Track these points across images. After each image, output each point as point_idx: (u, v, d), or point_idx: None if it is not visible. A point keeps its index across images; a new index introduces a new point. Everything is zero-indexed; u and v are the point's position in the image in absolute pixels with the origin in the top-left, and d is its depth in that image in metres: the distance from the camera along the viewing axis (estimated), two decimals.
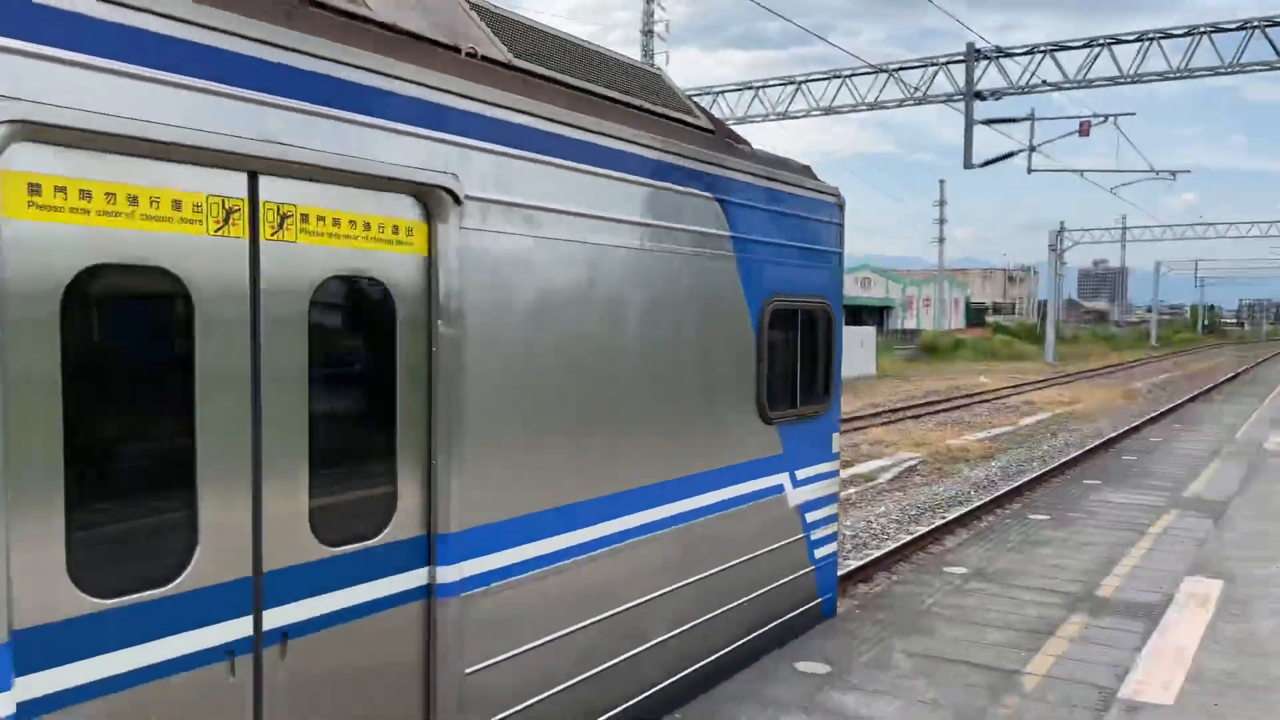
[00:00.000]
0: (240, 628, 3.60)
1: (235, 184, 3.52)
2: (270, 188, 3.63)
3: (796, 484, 7.18)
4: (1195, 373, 51.10)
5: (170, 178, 3.33)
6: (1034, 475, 16.77)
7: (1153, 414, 26.98)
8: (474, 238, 4.40)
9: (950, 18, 23.58)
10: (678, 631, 5.83)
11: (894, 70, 29.30)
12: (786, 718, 5.66)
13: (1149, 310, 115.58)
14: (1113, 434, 22.60)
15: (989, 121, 26.86)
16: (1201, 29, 26.26)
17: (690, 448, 5.99)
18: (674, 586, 5.80)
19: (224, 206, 3.49)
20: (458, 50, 4.66)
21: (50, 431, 3.04)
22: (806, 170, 7.53)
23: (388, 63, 4.01)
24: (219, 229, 3.48)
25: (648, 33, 35.76)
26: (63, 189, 3.06)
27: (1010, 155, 26.79)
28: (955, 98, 27.77)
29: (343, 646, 3.99)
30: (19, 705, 2.99)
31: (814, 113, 30.54)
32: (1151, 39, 26.80)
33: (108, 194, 3.17)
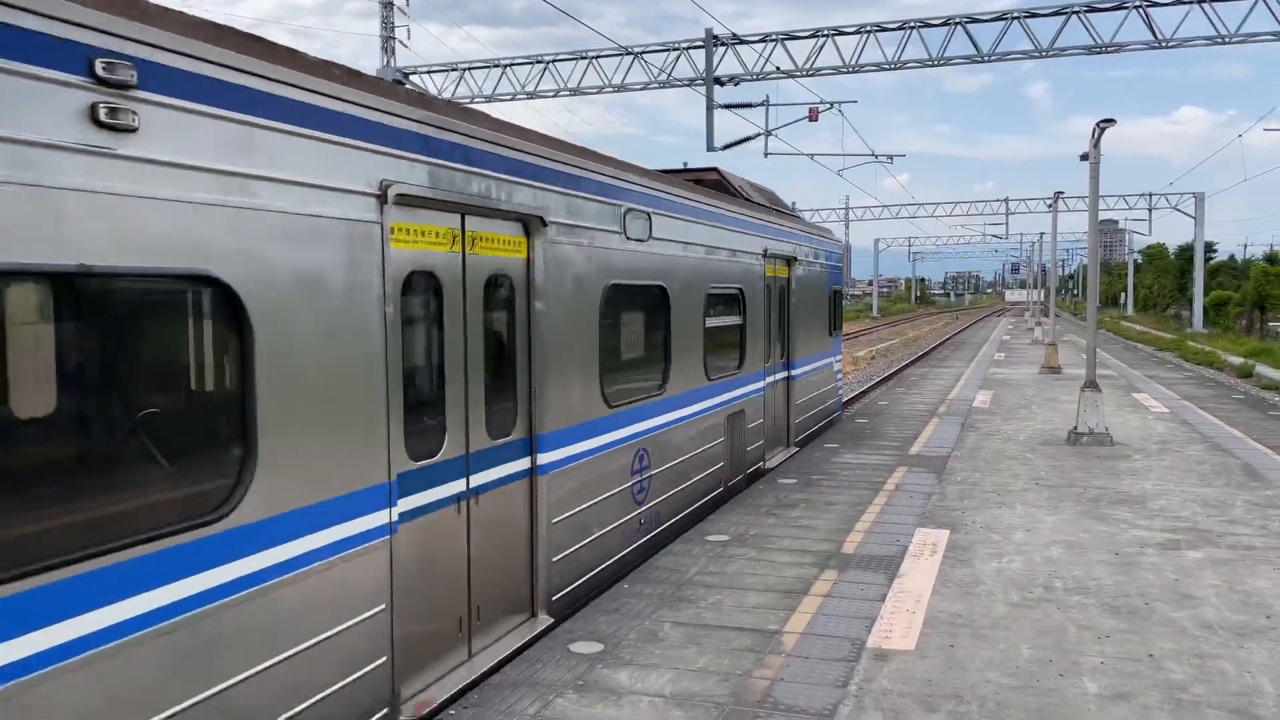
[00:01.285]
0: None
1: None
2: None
3: (835, 362, 17.47)
4: (911, 339, 56.06)
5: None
6: None
7: (878, 379, 29.35)
8: (792, 276, 13.96)
9: (690, 3, 24.32)
10: (817, 408, 15.76)
11: (639, 53, 29.87)
12: (560, 699, 5.63)
13: (870, 284, 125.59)
14: (845, 399, 24.37)
15: (728, 106, 28.01)
16: (911, 24, 28.59)
17: (818, 343, 15.63)
18: (817, 393, 15.68)
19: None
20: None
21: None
22: (829, 232, 18.22)
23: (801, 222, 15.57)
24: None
25: (387, 5, 34.41)
26: None
27: (748, 139, 28.06)
28: (697, 82, 28.72)
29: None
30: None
31: (562, 93, 30.64)
32: (869, 32, 28.90)
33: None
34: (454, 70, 32.25)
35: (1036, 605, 7.25)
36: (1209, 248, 72.19)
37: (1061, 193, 35.28)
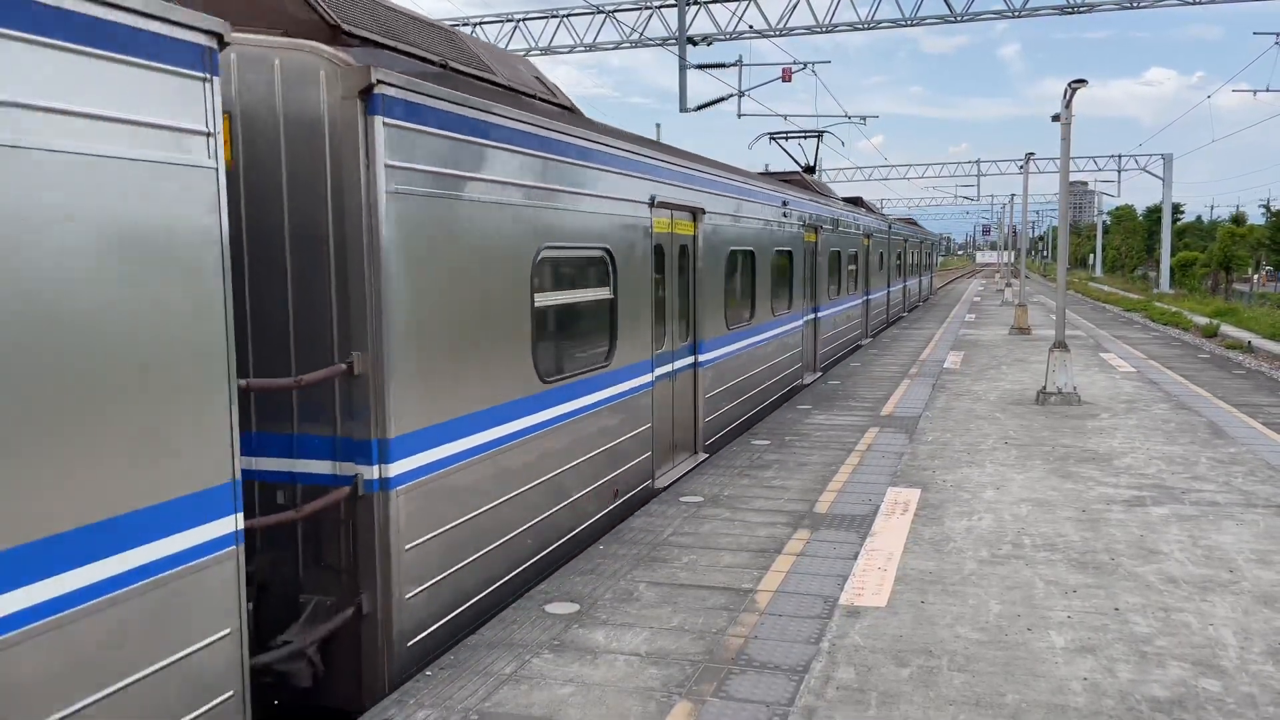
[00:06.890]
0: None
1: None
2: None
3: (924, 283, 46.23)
4: None
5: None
6: None
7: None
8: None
9: None
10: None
11: (611, 12, 29.48)
12: (536, 659, 5.67)
13: None
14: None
15: (701, 66, 27.76)
16: None
17: (896, 279, 33.17)
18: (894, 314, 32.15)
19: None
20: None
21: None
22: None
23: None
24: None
25: None
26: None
27: (722, 100, 27.87)
28: (669, 41, 28.44)
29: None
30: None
31: (533, 52, 30.22)
32: None
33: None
34: None
35: (1005, 562, 7.37)
36: (1176, 209, 72.82)
37: (1033, 154, 35.39)
